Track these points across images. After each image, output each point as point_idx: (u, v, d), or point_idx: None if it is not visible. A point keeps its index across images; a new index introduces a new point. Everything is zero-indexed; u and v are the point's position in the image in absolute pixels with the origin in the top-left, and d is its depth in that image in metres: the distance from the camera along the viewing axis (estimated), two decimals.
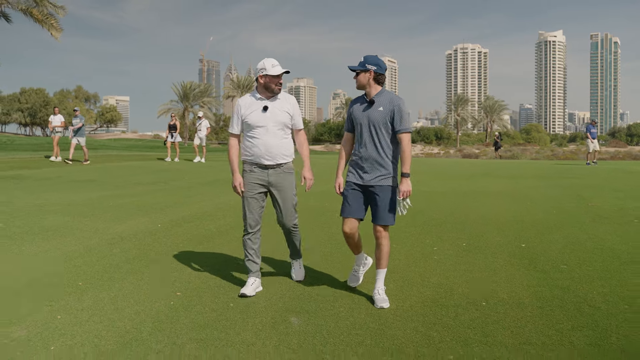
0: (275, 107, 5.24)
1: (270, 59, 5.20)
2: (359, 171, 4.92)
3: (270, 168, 5.25)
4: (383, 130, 4.83)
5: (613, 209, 9.97)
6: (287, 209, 5.33)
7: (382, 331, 4.23)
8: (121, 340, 4.07)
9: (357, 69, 4.87)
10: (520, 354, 3.79)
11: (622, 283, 5.43)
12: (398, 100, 4.85)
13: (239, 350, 3.89)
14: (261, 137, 5.20)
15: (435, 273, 5.84)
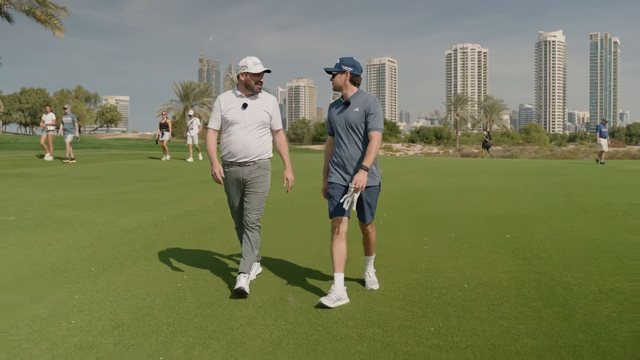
0: (255, 105, 5.27)
1: (252, 57, 5.24)
2: (342, 172, 4.96)
3: (246, 165, 5.27)
4: (361, 131, 4.89)
5: (599, 204, 10.39)
6: (254, 203, 5.28)
7: (371, 308, 4.67)
8: (134, 316, 4.50)
9: (334, 71, 4.93)
10: (494, 326, 4.22)
11: (597, 269, 5.85)
12: (372, 100, 4.91)
13: (241, 324, 4.32)
14: (238, 134, 5.22)
15: (423, 260, 6.27)
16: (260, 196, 5.33)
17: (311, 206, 10.30)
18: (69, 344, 3.93)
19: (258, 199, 5.31)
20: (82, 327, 4.26)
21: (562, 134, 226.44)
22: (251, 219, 5.29)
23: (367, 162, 4.76)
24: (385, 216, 9.11)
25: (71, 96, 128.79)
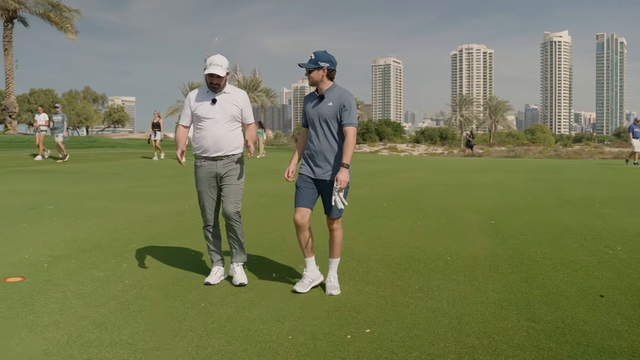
0: (224, 100, 5.31)
1: (217, 56, 5.29)
2: (311, 165, 5.02)
3: (219, 159, 5.32)
4: (333, 125, 4.93)
5: (581, 197, 11.38)
6: (230, 195, 5.34)
7: (368, 272, 5.69)
8: (176, 278, 5.54)
9: (311, 67, 4.91)
10: (467, 285, 5.22)
11: (564, 247, 6.84)
12: (347, 95, 4.92)
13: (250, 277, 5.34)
14: (209, 129, 5.26)
15: (414, 239, 7.28)
16: (236, 188, 5.38)
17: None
18: (128, 296, 4.96)
19: (234, 190, 5.36)
20: (135, 285, 5.30)
21: (568, 135, 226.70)
22: (229, 211, 5.33)
23: (346, 160, 4.83)
24: (384, 206, 10.11)
25: (79, 97, 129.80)
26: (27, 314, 4.51)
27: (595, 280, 5.39)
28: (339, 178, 4.77)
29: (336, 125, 4.94)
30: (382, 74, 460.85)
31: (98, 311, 4.57)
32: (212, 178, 5.38)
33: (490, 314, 4.42)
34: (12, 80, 42.42)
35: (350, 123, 4.89)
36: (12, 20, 41.13)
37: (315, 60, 4.91)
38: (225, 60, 5.31)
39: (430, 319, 4.33)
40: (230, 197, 5.34)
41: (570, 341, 3.87)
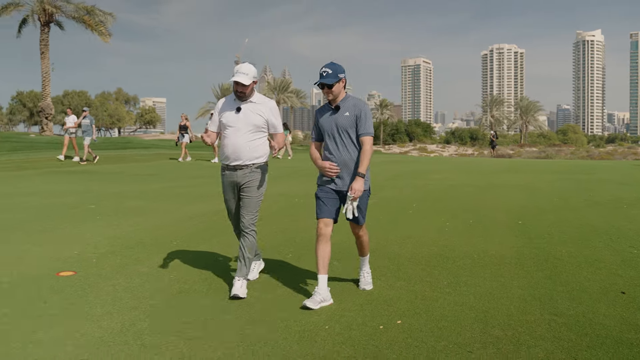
0: (249, 109, 5.30)
1: (241, 65, 5.29)
2: (331, 178, 5.00)
3: (239, 169, 5.33)
4: (351, 135, 4.92)
5: (610, 198, 11.49)
6: (248, 206, 5.35)
7: (399, 269, 5.96)
8: (220, 272, 5.88)
9: (334, 82, 4.87)
10: (493, 282, 5.47)
11: (589, 246, 7.03)
12: (362, 104, 4.96)
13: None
14: (231, 137, 5.29)
15: (443, 238, 7.52)
16: (255, 200, 5.37)
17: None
18: (172, 289, 5.32)
19: (252, 203, 5.35)
20: (179, 279, 5.65)
21: (601, 135, 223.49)
22: (245, 223, 5.35)
23: (362, 169, 4.85)
24: (414, 207, 10.36)
25: (111, 98, 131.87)
26: (82, 305, 4.88)
27: (617, 277, 5.59)
28: (353, 187, 4.80)
29: (353, 136, 4.93)
30: (412, 75, 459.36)
31: (147, 302, 4.93)
32: (233, 187, 5.43)
33: (515, 308, 4.67)
34: (49, 82, 43.52)
35: (367, 132, 4.90)
36: (48, 24, 42.21)
37: (335, 74, 4.87)
38: (253, 68, 5.30)
39: (458, 312, 4.59)
40: (247, 208, 5.35)
41: (589, 333, 4.10)
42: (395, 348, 3.87)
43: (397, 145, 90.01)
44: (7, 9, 41.06)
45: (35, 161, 22.31)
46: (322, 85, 4.89)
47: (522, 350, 3.81)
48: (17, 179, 15.78)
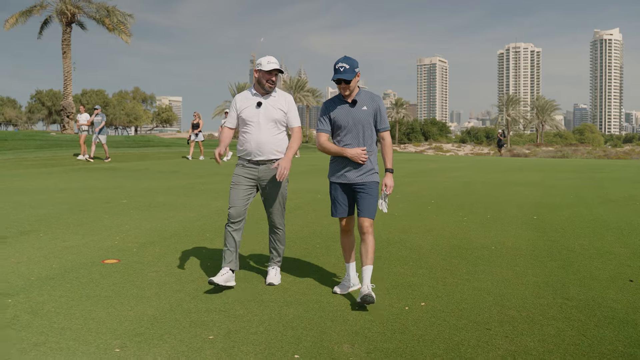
0: (269, 103, 5.34)
1: (269, 56, 5.32)
2: (343, 170, 5.02)
3: (262, 164, 5.34)
4: (366, 130, 4.95)
5: (623, 196, 11.80)
6: (274, 205, 5.44)
7: (420, 259, 6.37)
8: (251, 260, 6.32)
9: (352, 77, 4.85)
10: (509, 270, 5.86)
11: (601, 239, 7.39)
12: (378, 99, 5.02)
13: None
14: (253, 133, 5.30)
15: (462, 231, 7.92)
16: (280, 197, 5.47)
17: None
18: (212, 275, 5.76)
19: (279, 200, 5.47)
20: (217, 266, 6.10)
21: (618, 135, 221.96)
22: (276, 222, 5.52)
23: (390, 164, 5.00)
24: (433, 202, 10.75)
25: (129, 97, 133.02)
26: (131, 288, 5.34)
27: (626, 267, 5.96)
28: (387, 183, 4.94)
29: (369, 129, 4.96)
30: (428, 74, 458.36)
31: (190, 286, 5.38)
32: (252, 179, 5.39)
33: (529, 293, 5.06)
34: (70, 82, 44.29)
35: (386, 127, 5.03)
36: (70, 25, 42.96)
37: (352, 69, 4.84)
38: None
39: (476, 296, 5.00)
40: (275, 204, 5.46)
41: (597, 315, 4.50)
42: (420, 325, 4.29)
43: (413, 144, 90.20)
44: (33, 10, 41.88)
45: (61, 159, 22.88)
46: (339, 80, 4.85)
47: (535, 329, 4.21)
48: (47, 175, 16.35)
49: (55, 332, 4.20)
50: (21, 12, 42.35)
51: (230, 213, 5.35)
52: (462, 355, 3.75)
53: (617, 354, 3.75)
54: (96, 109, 21.94)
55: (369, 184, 4.96)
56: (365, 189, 4.96)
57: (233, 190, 5.38)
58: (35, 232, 7.93)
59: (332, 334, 4.14)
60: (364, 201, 4.94)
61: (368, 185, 4.96)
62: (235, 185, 5.39)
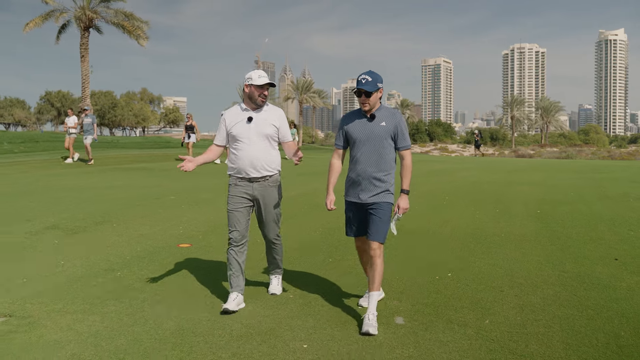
0: (260, 118, 5.21)
1: (258, 70, 5.22)
2: (357, 190, 4.88)
3: (256, 181, 5.22)
4: (385, 146, 4.78)
5: (619, 193, 13.06)
6: (269, 222, 5.36)
7: (440, 244, 7.66)
8: (304, 245, 7.61)
9: (373, 90, 4.71)
10: (517, 252, 7.14)
11: (595, 229, 8.65)
12: (399, 115, 4.84)
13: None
14: (245, 149, 5.16)
15: (474, 222, 9.20)
16: (275, 215, 5.37)
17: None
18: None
19: (273, 218, 5.37)
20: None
21: (623, 135, 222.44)
22: (271, 237, 5.46)
23: (406, 185, 4.83)
24: (447, 199, 12.04)
25: (136, 98, 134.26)
26: (213, 265, 6.63)
27: (614, 250, 7.24)
28: (400, 205, 4.78)
29: (387, 146, 4.79)
30: (432, 74, 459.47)
31: (260, 265, 6.67)
32: (247, 199, 5.26)
33: (533, 267, 6.36)
34: (88, 84, 45.69)
35: (407, 146, 4.83)
36: (88, 29, 44.36)
37: (374, 83, 4.71)
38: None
39: (491, 269, 6.30)
40: (270, 224, 5.37)
41: (587, 282, 5.79)
42: (449, 288, 5.59)
43: (419, 145, 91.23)
44: (52, 14, 43.29)
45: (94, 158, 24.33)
46: (360, 93, 4.72)
47: (537, 291, 5.50)
48: (87, 175, 17.66)
49: (166, 292, 5.51)
50: (41, 16, 43.73)
51: (234, 237, 5.24)
52: (482, 307, 5.05)
53: (600, 307, 5.04)
54: (86, 109, 21.44)
55: (381, 205, 4.77)
56: (376, 211, 4.78)
57: (232, 213, 5.24)
58: (107, 223, 9.24)
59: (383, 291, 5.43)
60: (373, 224, 4.77)
61: (380, 206, 4.77)
62: (233, 208, 5.24)
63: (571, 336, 4.40)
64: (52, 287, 5.82)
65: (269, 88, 5.19)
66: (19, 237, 8.08)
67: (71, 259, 6.93)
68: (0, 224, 8.96)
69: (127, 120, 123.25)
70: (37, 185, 14.33)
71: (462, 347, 4.22)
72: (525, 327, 4.58)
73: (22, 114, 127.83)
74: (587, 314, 4.88)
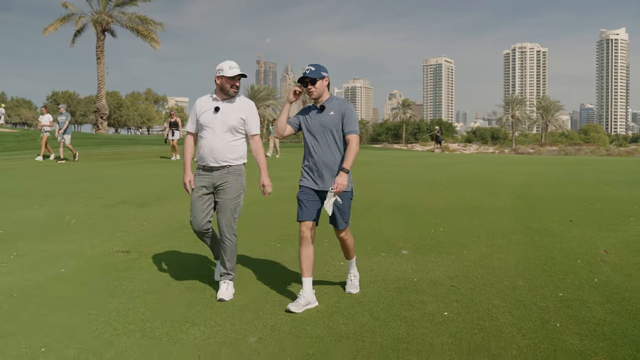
0: (228, 109, 5.19)
1: (230, 61, 5.18)
2: (314, 176, 4.96)
3: (215, 170, 5.19)
4: (335, 135, 4.90)
5: (594, 179, 15.09)
6: (224, 209, 5.19)
7: (437, 213, 9.67)
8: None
9: (317, 77, 4.89)
10: (497, 216, 9.15)
11: (564, 204, 10.64)
12: (347, 104, 4.95)
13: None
14: (207, 138, 5.18)
15: (465, 199, 11.21)
16: (231, 203, 5.21)
17: (370, 203, 15.27)
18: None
19: (228, 205, 5.20)
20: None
21: (625, 135, 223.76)
22: (222, 225, 5.22)
23: (347, 165, 4.78)
24: (443, 184, 14.07)
25: (141, 98, 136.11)
26: (259, 225, 8.64)
27: (572, 215, 9.27)
28: (337, 181, 4.72)
29: (338, 135, 4.92)
30: (434, 74, 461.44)
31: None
32: (207, 187, 5.25)
33: (505, 225, 8.40)
34: (104, 85, 47.80)
35: (353, 131, 4.89)
36: (104, 32, 46.47)
37: (318, 71, 4.91)
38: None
39: (473, 226, 8.33)
40: (224, 212, 5.20)
41: (542, 233, 7.83)
42: (441, 236, 7.64)
43: (420, 144, 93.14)
44: (70, 18, 45.40)
45: (122, 153, 26.35)
46: (305, 83, 4.93)
47: (505, 237, 7.56)
48: (125, 166, 19.65)
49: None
50: (59, 19, 45.85)
51: (193, 227, 5.35)
52: (463, 245, 7.10)
53: (546, 245, 7.08)
54: (60, 107, 21.47)
55: (340, 194, 4.85)
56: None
57: (192, 203, 5.29)
58: (165, 199, 11.24)
59: (393, 238, 7.45)
60: (335, 212, 4.93)
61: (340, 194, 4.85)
62: (194, 197, 5.28)
63: (523, 259, 6.43)
64: (143, 237, 7.82)
65: (240, 79, 5.21)
66: (98, 209, 10.08)
67: (149, 221, 8.94)
68: (78, 200, 10.96)
69: (132, 120, 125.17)
70: (85, 174, 16.33)
71: (446, 264, 6.26)
72: (492, 255, 6.62)
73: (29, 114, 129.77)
74: (537, 249, 6.93)
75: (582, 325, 4.41)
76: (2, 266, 6.23)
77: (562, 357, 3.85)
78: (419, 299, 5.08)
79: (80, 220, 8.91)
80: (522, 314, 4.67)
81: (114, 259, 6.59)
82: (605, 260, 6.37)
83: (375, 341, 4.13)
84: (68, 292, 5.34)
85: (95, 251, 6.97)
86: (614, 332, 4.26)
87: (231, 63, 5.16)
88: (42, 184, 13.74)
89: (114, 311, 4.80)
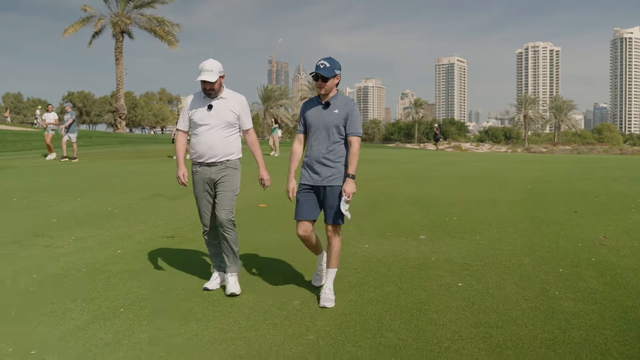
0: (221, 105, 5.24)
1: (208, 62, 5.14)
2: (310, 171, 4.99)
3: (214, 165, 5.28)
4: (336, 132, 4.89)
5: (602, 176, 15.71)
6: (223, 201, 5.28)
7: (453, 204, 10.39)
8: None
9: (330, 76, 4.83)
10: (506, 208, 9.85)
11: (570, 198, 11.29)
12: (352, 103, 4.92)
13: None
14: (204, 135, 5.23)
15: (477, 193, 11.90)
16: (230, 194, 5.32)
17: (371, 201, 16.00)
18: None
19: (227, 197, 5.30)
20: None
21: (639, 134, 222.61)
22: (222, 218, 5.27)
23: (351, 170, 4.83)
24: (456, 180, 14.75)
25: (155, 98, 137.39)
26: (285, 217, 9.40)
27: (577, 207, 9.95)
28: (345, 190, 4.78)
29: (340, 133, 4.92)
30: (446, 74, 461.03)
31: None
32: (207, 183, 5.36)
33: (514, 215, 9.10)
34: (122, 86, 48.80)
35: (356, 132, 4.89)
36: (122, 34, 47.45)
37: (332, 69, 4.84)
38: (217, 63, 5.20)
39: (484, 216, 9.04)
40: (223, 204, 5.28)
41: (548, 221, 8.53)
42: (455, 224, 8.35)
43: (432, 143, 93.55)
44: (89, 20, 46.43)
45: (144, 152, 27.20)
46: (317, 77, 4.85)
47: (514, 225, 8.26)
48: (150, 164, 20.47)
49: (249, 226, 8.31)
50: (78, 21, 46.87)
51: (204, 222, 5.50)
52: (475, 231, 7.82)
53: (551, 232, 7.78)
54: (66, 106, 21.59)
55: (332, 188, 4.92)
56: (329, 193, 4.95)
57: (198, 200, 5.43)
58: None
59: (411, 226, 8.18)
60: (327, 207, 4.99)
61: (332, 189, 4.93)
62: (199, 196, 5.42)
63: (529, 243, 7.15)
64: (183, 225, 8.61)
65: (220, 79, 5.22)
66: (137, 200, 10.88)
67: (184, 211, 9.73)
68: (116, 194, 11.77)
69: (146, 120, 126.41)
70: (118, 170, 17.18)
71: (460, 246, 7.01)
72: (501, 240, 7.35)
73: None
74: (542, 235, 7.64)
75: (577, 293, 5.15)
76: (65, 248, 7.05)
77: (559, 316, 4.58)
78: (437, 273, 5.84)
79: (123, 210, 9.72)
80: (526, 284, 5.42)
81: (162, 242, 7.40)
82: (604, 244, 7.08)
83: (400, 304, 4.90)
84: (131, 267, 6.14)
85: (144, 236, 7.78)
86: (604, 298, 5.00)
87: (204, 64, 5.12)
88: (74, 180, 14.55)
89: (177, 282, 5.61)
